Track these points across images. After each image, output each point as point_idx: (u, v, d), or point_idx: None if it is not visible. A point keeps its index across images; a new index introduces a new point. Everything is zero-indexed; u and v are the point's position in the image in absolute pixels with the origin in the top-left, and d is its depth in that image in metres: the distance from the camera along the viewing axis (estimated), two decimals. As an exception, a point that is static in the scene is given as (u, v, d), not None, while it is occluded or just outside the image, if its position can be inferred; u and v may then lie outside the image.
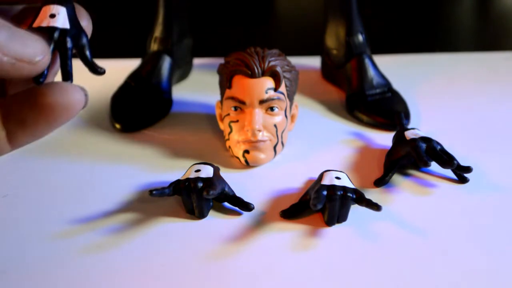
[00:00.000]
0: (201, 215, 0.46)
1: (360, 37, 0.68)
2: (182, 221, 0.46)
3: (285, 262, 0.41)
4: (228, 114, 0.55)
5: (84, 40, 0.35)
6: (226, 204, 0.48)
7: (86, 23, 0.36)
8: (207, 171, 0.47)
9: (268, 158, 0.54)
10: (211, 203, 0.47)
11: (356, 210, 0.46)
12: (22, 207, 0.48)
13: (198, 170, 0.47)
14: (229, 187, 0.47)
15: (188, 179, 0.46)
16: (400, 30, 1.02)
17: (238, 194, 0.49)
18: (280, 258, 0.41)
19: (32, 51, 0.31)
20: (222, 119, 0.56)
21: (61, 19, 0.35)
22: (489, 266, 0.40)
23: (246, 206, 0.46)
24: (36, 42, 0.31)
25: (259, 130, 0.53)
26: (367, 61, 0.67)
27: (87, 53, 0.35)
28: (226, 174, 0.53)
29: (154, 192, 0.45)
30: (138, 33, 0.84)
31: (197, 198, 0.45)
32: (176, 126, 0.63)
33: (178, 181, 0.46)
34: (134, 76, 0.67)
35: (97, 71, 0.35)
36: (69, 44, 0.34)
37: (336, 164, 0.54)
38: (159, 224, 0.46)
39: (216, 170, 0.48)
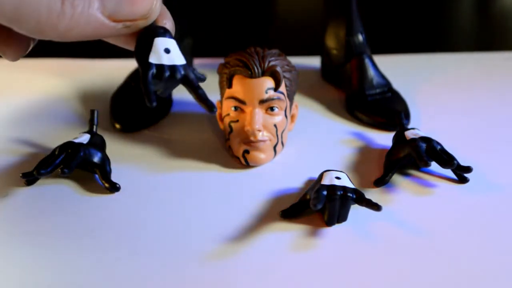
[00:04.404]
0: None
1: (360, 37, 0.68)
2: (181, 221, 0.46)
3: (285, 262, 0.41)
4: (228, 114, 0.55)
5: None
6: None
7: (170, 25, 0.35)
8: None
9: (268, 158, 0.54)
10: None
11: (356, 210, 0.46)
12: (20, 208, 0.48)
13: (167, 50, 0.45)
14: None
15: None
16: (400, 30, 1.02)
17: (238, 194, 0.49)
18: (280, 258, 0.41)
19: (141, 8, 0.30)
20: (222, 119, 0.56)
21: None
22: (489, 266, 0.40)
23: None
24: None
25: (259, 130, 0.53)
26: (367, 61, 0.67)
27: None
28: (226, 174, 0.53)
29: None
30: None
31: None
32: (176, 126, 0.63)
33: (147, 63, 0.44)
34: (134, 76, 0.67)
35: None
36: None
37: (336, 164, 0.54)
38: (158, 224, 0.46)
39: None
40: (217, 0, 1.17)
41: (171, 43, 0.35)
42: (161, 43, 0.35)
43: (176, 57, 0.35)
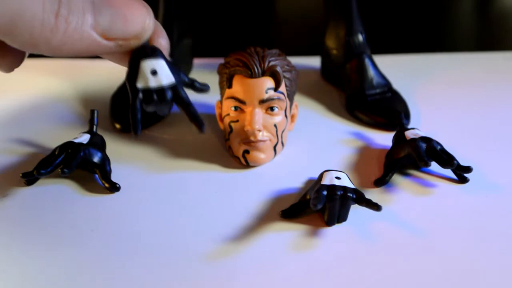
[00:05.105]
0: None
1: (360, 37, 0.68)
2: (181, 221, 0.46)
3: (285, 262, 0.41)
4: (228, 114, 0.55)
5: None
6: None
7: (164, 42, 0.35)
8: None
9: (268, 158, 0.54)
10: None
11: (356, 210, 0.46)
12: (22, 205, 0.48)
13: (154, 72, 0.44)
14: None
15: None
16: (400, 30, 1.02)
17: (238, 194, 0.49)
18: (280, 258, 0.41)
19: (134, 27, 0.29)
20: (222, 119, 0.56)
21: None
22: (489, 266, 0.40)
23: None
24: (137, 14, 0.29)
25: (259, 130, 0.53)
26: (367, 61, 0.67)
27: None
28: (226, 174, 0.53)
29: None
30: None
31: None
32: (176, 126, 0.63)
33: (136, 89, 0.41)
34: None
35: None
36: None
37: (336, 164, 0.54)
38: (158, 224, 0.46)
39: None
40: (217, 0, 1.17)
41: (158, 63, 0.35)
42: (147, 65, 0.35)
43: (164, 78, 0.35)
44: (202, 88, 0.39)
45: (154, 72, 0.35)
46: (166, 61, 0.36)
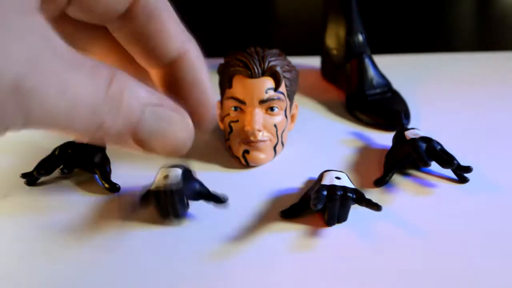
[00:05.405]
0: (177, 216, 0.44)
1: (360, 37, 0.68)
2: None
3: (285, 262, 0.41)
4: (228, 114, 0.55)
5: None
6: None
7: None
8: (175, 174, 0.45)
9: (268, 158, 0.54)
10: (186, 204, 0.45)
11: (356, 210, 0.46)
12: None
13: (166, 176, 0.44)
14: (201, 185, 0.45)
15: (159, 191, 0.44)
16: (400, 30, 1.02)
17: (238, 194, 0.49)
18: (280, 258, 0.41)
19: (174, 146, 0.25)
20: (222, 119, 0.56)
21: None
22: (489, 266, 0.40)
23: (220, 200, 0.45)
24: (181, 129, 0.25)
25: (259, 130, 0.53)
26: (367, 61, 0.67)
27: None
28: (226, 174, 0.53)
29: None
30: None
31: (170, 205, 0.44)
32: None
33: (148, 192, 0.44)
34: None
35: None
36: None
37: (336, 164, 0.54)
38: (158, 224, 0.46)
39: (186, 172, 0.45)
40: (217, 0, 1.17)
41: (174, 171, 0.44)
42: (163, 171, 0.44)
43: (171, 180, 0.43)
44: (221, 200, 0.45)
45: (165, 177, 0.43)
46: (185, 171, 0.44)
